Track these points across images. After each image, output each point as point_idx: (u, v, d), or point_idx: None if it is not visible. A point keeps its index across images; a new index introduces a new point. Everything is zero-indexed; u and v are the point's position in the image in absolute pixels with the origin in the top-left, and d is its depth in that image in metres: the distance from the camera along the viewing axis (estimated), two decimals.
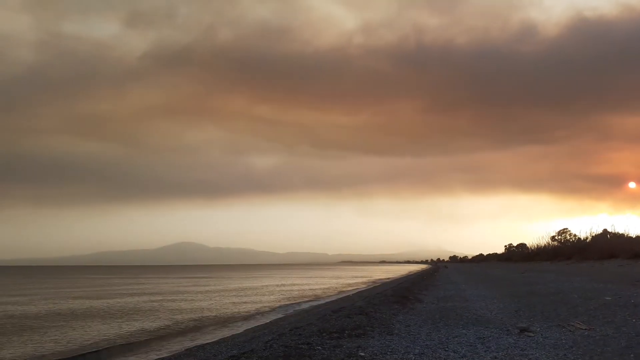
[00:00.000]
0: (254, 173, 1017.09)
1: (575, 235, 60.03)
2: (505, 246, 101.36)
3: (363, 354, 6.80)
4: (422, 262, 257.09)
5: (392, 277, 57.14)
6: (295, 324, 12.51)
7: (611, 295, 12.69)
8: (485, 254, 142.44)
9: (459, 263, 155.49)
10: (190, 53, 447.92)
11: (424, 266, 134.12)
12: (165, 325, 16.94)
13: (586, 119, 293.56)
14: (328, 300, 26.10)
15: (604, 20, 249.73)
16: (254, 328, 15.44)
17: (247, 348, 8.35)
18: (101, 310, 22.24)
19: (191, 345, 12.81)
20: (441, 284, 24.95)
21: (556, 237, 63.93)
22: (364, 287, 38.75)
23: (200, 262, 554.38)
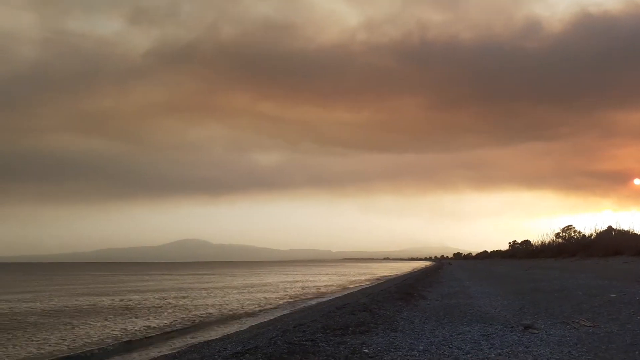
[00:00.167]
0: (257, 170, 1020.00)
1: (580, 232, 60.09)
2: (510, 243, 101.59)
3: (367, 350, 6.81)
4: (425, 259, 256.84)
5: (395, 274, 57.16)
6: (299, 320, 12.53)
7: (616, 292, 12.66)
8: (489, 250, 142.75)
9: (462, 260, 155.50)
10: (193, 50, 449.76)
11: (427, 263, 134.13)
12: (169, 322, 16.99)
13: (590, 115, 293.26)
14: (332, 297, 26.13)
15: (609, 16, 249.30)
16: (258, 325, 15.47)
17: (251, 345, 8.38)
18: (105, 307, 22.32)
19: (195, 341, 12.85)
20: (445, 281, 24.94)
21: (560, 234, 63.87)
22: (368, 284, 38.79)
23: (203, 259, 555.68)
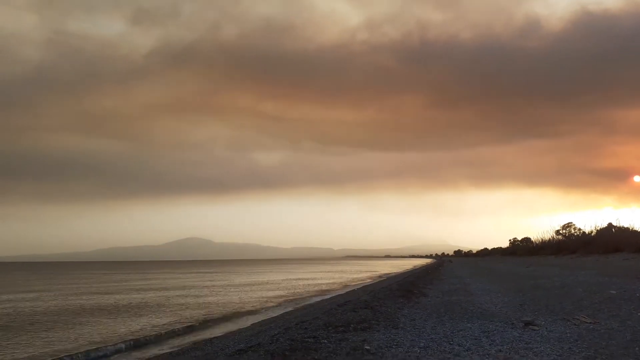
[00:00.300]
0: (259, 169, 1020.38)
1: (580, 229, 59.93)
2: (510, 240, 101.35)
3: (369, 347, 6.87)
4: (426, 257, 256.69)
5: (397, 272, 57.20)
6: (301, 318, 12.60)
7: (616, 289, 12.70)
8: (489, 248, 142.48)
9: (463, 257, 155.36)
10: (194, 50, 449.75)
11: (428, 260, 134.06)
12: (172, 320, 17.08)
13: (591, 113, 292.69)
14: (334, 295, 26.21)
15: (609, 15, 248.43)
16: (261, 322, 15.55)
17: (253, 342, 8.44)
18: (109, 306, 22.42)
19: (198, 339, 12.93)
20: (446, 278, 24.99)
21: (561, 231, 63.72)
22: (369, 282, 38.88)
23: (206, 257, 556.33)
